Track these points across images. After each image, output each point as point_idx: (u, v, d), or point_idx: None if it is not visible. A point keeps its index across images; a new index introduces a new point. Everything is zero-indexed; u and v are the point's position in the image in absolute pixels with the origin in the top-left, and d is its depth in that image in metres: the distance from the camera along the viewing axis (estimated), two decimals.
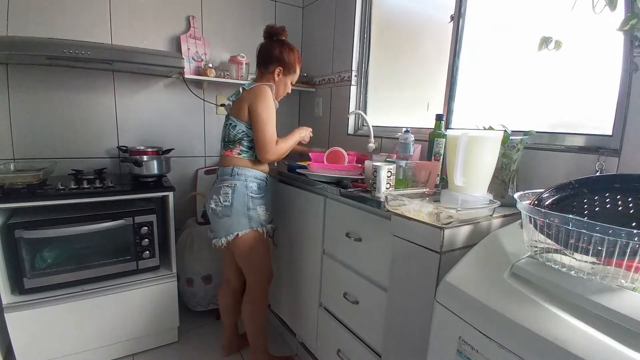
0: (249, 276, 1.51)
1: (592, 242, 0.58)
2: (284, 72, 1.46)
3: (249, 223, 1.40)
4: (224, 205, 1.38)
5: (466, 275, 0.75)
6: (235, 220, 1.38)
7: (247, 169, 1.41)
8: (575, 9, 1.04)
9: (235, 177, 1.39)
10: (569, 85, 1.20)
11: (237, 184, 1.38)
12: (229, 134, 1.42)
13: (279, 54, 1.44)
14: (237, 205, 1.38)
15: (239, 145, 1.40)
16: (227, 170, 1.41)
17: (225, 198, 1.38)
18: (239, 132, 1.39)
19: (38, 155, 1.78)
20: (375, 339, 1.20)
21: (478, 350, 0.64)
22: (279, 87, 1.49)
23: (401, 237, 0.99)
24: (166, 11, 1.99)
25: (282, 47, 1.45)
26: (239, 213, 1.38)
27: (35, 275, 1.45)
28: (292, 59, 1.46)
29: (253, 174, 1.42)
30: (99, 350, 1.61)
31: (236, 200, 1.38)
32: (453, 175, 1.02)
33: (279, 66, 1.44)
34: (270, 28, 1.47)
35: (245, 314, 1.55)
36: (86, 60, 1.57)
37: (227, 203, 1.37)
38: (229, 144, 1.42)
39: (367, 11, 2.04)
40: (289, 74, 1.49)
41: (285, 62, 1.45)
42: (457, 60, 1.54)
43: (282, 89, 1.51)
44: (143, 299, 1.66)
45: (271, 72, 1.45)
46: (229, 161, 1.42)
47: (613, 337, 0.50)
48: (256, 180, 1.43)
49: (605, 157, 1.02)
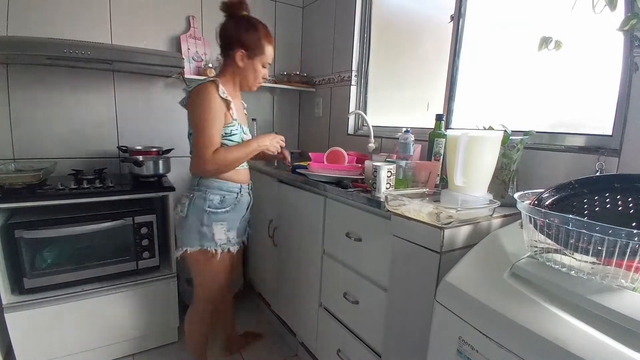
0: (195, 289, 1.40)
1: (592, 242, 0.58)
2: (249, 55, 1.23)
3: (199, 240, 1.26)
4: (180, 217, 1.28)
5: (466, 275, 0.75)
6: (186, 234, 1.27)
7: (212, 180, 1.25)
8: (575, 9, 1.04)
9: (195, 187, 1.27)
10: (569, 85, 1.20)
11: (195, 195, 1.25)
12: (190, 143, 1.26)
13: (236, 33, 1.21)
14: (191, 218, 1.25)
15: None
16: (194, 179, 1.29)
17: (182, 208, 1.27)
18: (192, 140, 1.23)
19: (38, 155, 1.78)
20: (375, 339, 1.20)
21: (478, 350, 0.64)
22: (247, 73, 1.26)
23: (401, 237, 0.99)
24: (166, 11, 1.99)
25: (240, 25, 1.22)
26: (191, 228, 1.26)
27: (35, 275, 1.45)
28: (254, 37, 1.22)
29: (218, 184, 1.26)
30: (99, 350, 1.61)
31: (190, 213, 1.25)
32: (453, 175, 1.02)
33: (241, 49, 1.22)
34: (227, 2, 1.24)
35: (186, 322, 1.47)
36: (86, 60, 1.57)
37: (182, 214, 1.26)
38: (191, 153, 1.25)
39: (367, 11, 2.04)
40: (256, 56, 1.25)
41: (245, 43, 1.22)
42: (457, 60, 1.54)
43: (252, 76, 1.28)
44: (143, 299, 1.66)
45: (232, 57, 1.24)
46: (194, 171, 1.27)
47: (613, 337, 0.50)
48: (220, 192, 1.27)
49: (605, 157, 1.02)
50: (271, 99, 2.49)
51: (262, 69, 1.30)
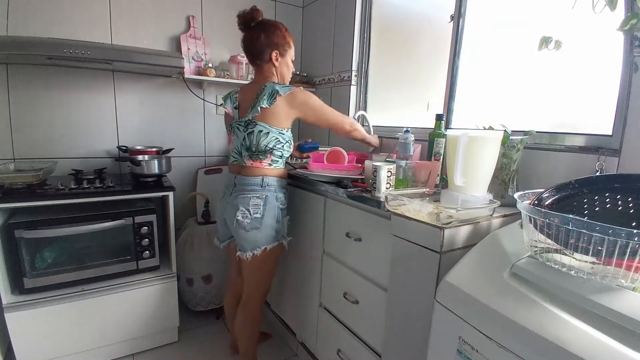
0: (251, 287, 1.43)
1: (592, 242, 0.58)
2: (281, 53, 1.36)
3: (277, 236, 1.36)
4: (253, 218, 1.30)
5: (466, 275, 0.75)
6: (265, 233, 1.32)
7: (276, 179, 1.35)
8: (575, 8, 1.04)
9: (265, 188, 1.32)
10: (569, 85, 1.20)
11: (268, 195, 1.31)
12: (257, 142, 1.28)
13: (266, 39, 1.32)
14: (268, 218, 1.31)
15: (270, 155, 1.31)
16: (255, 180, 1.31)
17: (255, 210, 1.30)
18: (271, 140, 1.29)
19: (38, 155, 1.78)
20: (375, 339, 1.20)
21: (478, 350, 0.64)
22: (283, 70, 1.39)
23: (401, 237, 0.99)
24: (166, 11, 1.99)
25: (266, 30, 1.32)
26: (268, 226, 1.32)
27: (35, 275, 1.45)
28: (280, 36, 1.34)
29: (281, 183, 1.37)
30: (99, 350, 1.61)
31: (267, 212, 1.31)
32: (453, 175, 1.02)
33: (274, 50, 1.33)
34: (243, 16, 1.32)
35: (239, 325, 1.49)
36: (86, 60, 1.57)
37: (257, 215, 1.30)
38: (257, 154, 1.30)
39: (367, 11, 2.04)
40: (286, 52, 1.38)
41: (276, 43, 1.33)
42: (457, 60, 1.54)
43: (287, 71, 1.42)
44: (143, 299, 1.66)
45: (269, 61, 1.34)
46: (257, 172, 1.32)
47: (613, 337, 0.50)
48: (282, 190, 1.37)
49: (605, 157, 1.02)
50: None
51: (291, 63, 1.43)
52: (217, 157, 2.29)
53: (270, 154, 1.31)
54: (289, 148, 1.37)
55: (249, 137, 1.30)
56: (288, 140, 1.35)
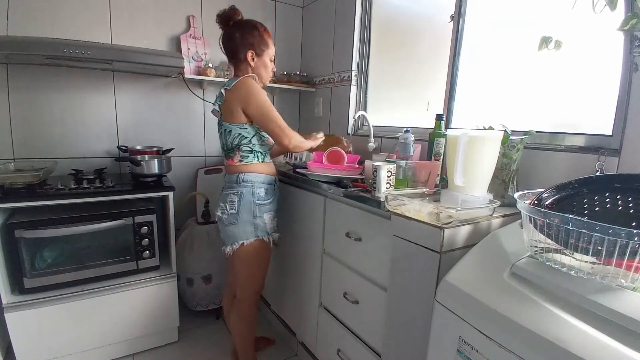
0: (241, 285, 1.45)
1: (592, 242, 0.58)
2: (257, 53, 1.34)
3: (255, 232, 1.36)
4: (229, 213, 1.33)
5: (466, 275, 0.75)
6: (241, 228, 1.34)
7: (254, 174, 1.35)
8: (575, 8, 1.04)
9: (241, 184, 1.34)
10: (569, 85, 1.20)
11: (243, 191, 1.33)
12: (225, 141, 1.34)
13: (241, 37, 1.31)
14: (244, 213, 1.33)
15: (238, 151, 1.33)
16: (232, 177, 1.36)
17: (231, 206, 1.33)
18: (235, 137, 1.31)
19: (38, 155, 1.78)
20: (375, 339, 1.20)
21: (478, 350, 0.64)
22: (260, 70, 1.37)
23: (401, 237, 0.99)
24: (166, 11, 1.99)
25: (242, 28, 1.32)
26: (244, 221, 1.34)
27: (35, 275, 1.45)
28: (257, 35, 1.33)
29: (260, 179, 1.36)
30: (99, 350, 1.61)
31: (242, 207, 1.33)
32: (453, 175, 1.02)
33: (249, 50, 1.32)
34: (222, 15, 1.33)
35: (233, 326, 1.50)
36: (86, 60, 1.57)
37: (233, 211, 1.33)
38: (228, 152, 1.36)
39: (367, 11, 2.04)
40: (264, 52, 1.36)
41: (252, 43, 1.32)
42: (457, 60, 1.54)
43: (264, 71, 1.39)
44: (143, 299, 1.66)
45: (244, 60, 1.34)
46: (232, 169, 1.36)
47: (613, 337, 0.50)
48: (264, 185, 1.37)
49: (605, 157, 1.02)
50: (271, 99, 2.48)
51: (270, 63, 1.40)
52: (217, 157, 2.29)
53: (238, 150, 1.33)
54: (259, 141, 1.35)
55: (221, 137, 1.37)
56: (254, 134, 1.33)
